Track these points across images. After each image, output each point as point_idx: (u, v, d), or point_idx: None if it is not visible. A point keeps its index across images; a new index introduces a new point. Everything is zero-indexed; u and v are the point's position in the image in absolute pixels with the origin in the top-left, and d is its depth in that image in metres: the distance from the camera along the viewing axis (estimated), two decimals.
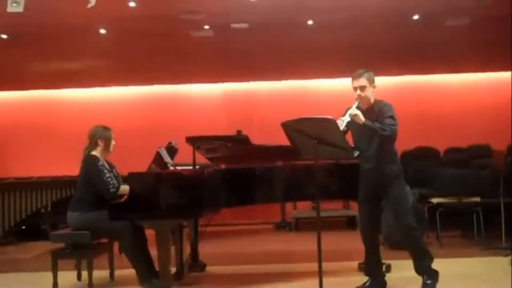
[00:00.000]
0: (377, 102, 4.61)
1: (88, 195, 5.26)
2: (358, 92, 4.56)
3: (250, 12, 7.61)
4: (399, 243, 4.99)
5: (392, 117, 4.46)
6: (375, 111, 4.55)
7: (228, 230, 8.78)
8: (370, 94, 4.59)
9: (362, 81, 4.56)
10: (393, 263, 5.35)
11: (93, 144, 5.40)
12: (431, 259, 4.62)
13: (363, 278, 4.87)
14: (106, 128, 5.44)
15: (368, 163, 4.61)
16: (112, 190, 5.13)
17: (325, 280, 4.14)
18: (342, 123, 4.33)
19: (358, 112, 4.39)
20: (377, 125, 4.40)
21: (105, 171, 5.23)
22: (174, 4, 7.34)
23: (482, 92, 9.92)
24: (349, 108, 4.49)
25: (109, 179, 5.18)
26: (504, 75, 9.36)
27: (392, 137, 4.47)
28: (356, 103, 4.50)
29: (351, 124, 4.41)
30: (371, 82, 4.59)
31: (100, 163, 5.27)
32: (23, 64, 9.12)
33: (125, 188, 5.11)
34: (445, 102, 9.98)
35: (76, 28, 7.85)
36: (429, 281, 4.56)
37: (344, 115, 4.47)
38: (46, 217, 8.07)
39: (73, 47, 8.53)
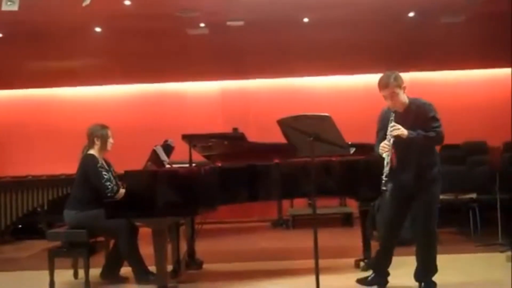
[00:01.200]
0: (413, 100, 4.46)
1: (85, 194, 5.25)
2: (388, 101, 4.38)
3: (246, 9, 7.62)
4: (402, 239, 4.98)
5: (434, 118, 4.36)
6: (413, 110, 4.42)
7: (225, 228, 8.78)
8: (403, 97, 4.41)
9: (390, 89, 4.35)
10: (395, 259, 5.34)
11: (90, 143, 5.40)
12: (436, 271, 4.57)
13: (360, 275, 4.89)
14: (103, 127, 5.44)
15: (411, 166, 4.44)
16: (110, 194, 5.12)
17: (322, 277, 4.14)
18: (388, 148, 4.23)
19: (399, 127, 4.25)
20: (421, 133, 4.28)
21: (104, 172, 5.23)
22: (169, 2, 7.35)
23: (478, 89, 9.92)
24: (384, 112, 4.42)
25: (108, 182, 5.17)
26: (499, 71, 9.37)
27: (439, 140, 4.40)
28: (393, 115, 4.32)
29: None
30: (400, 85, 4.38)
31: (99, 163, 5.27)
32: (18, 62, 9.10)
33: (122, 193, 5.10)
34: (440, 99, 9.79)
35: (72, 27, 7.85)
36: None
37: (379, 124, 4.43)
38: (43, 215, 8.05)
39: (68, 46, 8.53)
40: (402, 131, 4.25)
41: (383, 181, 4.20)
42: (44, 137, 9.84)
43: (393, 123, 4.29)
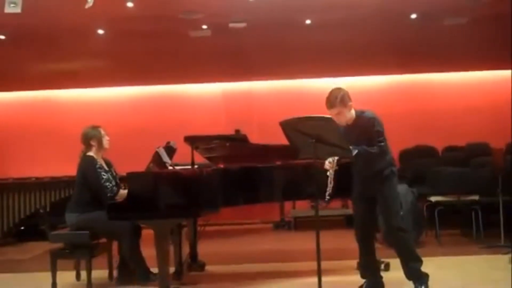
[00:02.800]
0: (359, 114, 4.52)
1: (86, 196, 5.26)
2: (335, 119, 4.42)
3: (248, 11, 7.61)
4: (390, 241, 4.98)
5: (378, 132, 4.40)
6: (359, 124, 4.48)
7: (227, 230, 8.78)
8: (349, 114, 4.49)
9: (336, 109, 4.43)
10: (392, 261, 5.35)
11: (87, 146, 5.41)
12: (420, 262, 4.55)
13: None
14: (95, 127, 5.46)
15: (360, 171, 4.59)
16: (109, 195, 5.12)
17: (324, 279, 4.15)
18: (332, 164, 4.35)
19: (334, 163, 4.35)
20: (364, 149, 4.32)
21: (103, 173, 5.22)
22: (172, 4, 7.34)
23: (481, 91, 9.92)
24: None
25: (107, 183, 5.16)
26: (502, 73, 9.36)
27: (379, 154, 4.41)
28: (327, 164, 4.39)
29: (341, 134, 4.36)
30: (345, 103, 4.45)
31: (98, 165, 5.27)
32: (21, 64, 9.11)
33: (123, 193, 5.10)
34: (443, 101, 9.98)
35: (74, 29, 7.85)
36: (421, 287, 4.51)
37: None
38: (45, 217, 8.04)
39: (71, 48, 8.53)
40: (334, 165, 4.35)
41: (326, 198, 4.29)
42: (46, 139, 9.87)
43: (330, 163, 4.37)
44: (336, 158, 4.36)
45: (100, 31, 8.18)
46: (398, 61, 9.31)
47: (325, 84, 9.92)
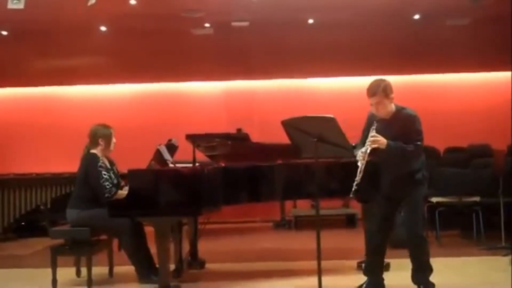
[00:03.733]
0: (400, 109, 4.48)
1: (87, 193, 5.25)
2: (373, 109, 4.43)
3: (251, 10, 7.62)
4: (398, 242, 4.97)
5: (417, 130, 4.37)
6: (399, 119, 4.43)
7: (228, 228, 8.78)
8: (389, 106, 4.44)
9: (377, 98, 4.37)
10: (392, 262, 5.35)
11: (93, 143, 5.39)
12: (431, 271, 4.55)
13: (362, 277, 4.86)
14: (106, 127, 5.43)
15: (391, 172, 4.51)
16: (107, 195, 5.08)
17: (324, 278, 4.14)
18: (362, 155, 4.25)
19: (379, 138, 4.27)
20: (401, 146, 4.28)
21: (104, 172, 5.18)
22: (174, 2, 7.35)
23: (483, 92, 9.91)
24: (370, 116, 4.44)
25: (107, 183, 5.13)
26: (505, 74, 9.35)
27: (416, 154, 4.38)
28: (375, 124, 4.35)
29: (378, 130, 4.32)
30: (388, 95, 4.40)
31: (100, 163, 5.25)
32: (23, 61, 9.12)
33: (122, 194, 5.09)
34: (445, 102, 9.96)
35: (77, 26, 7.87)
36: None
37: (364, 127, 4.45)
38: (46, 213, 8.06)
39: (73, 44, 8.55)
40: (381, 142, 4.27)
41: (353, 189, 4.20)
42: (48, 135, 9.86)
43: (374, 133, 4.31)
44: (368, 148, 4.26)
45: (103, 28, 8.19)
46: (400, 62, 9.31)
47: (327, 84, 9.99)
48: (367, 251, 4.89)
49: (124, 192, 5.07)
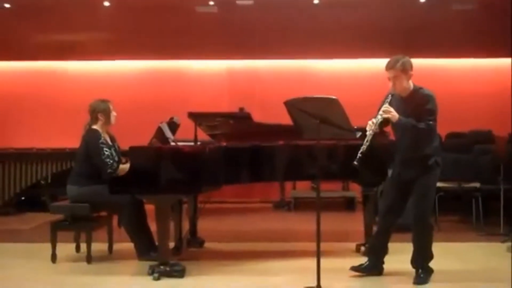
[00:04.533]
0: (417, 89, 4.44)
1: (87, 169, 5.24)
2: (390, 83, 4.40)
3: None
4: (402, 226, 4.97)
5: (430, 110, 4.30)
6: (415, 98, 4.39)
7: (227, 208, 8.80)
8: (406, 83, 4.40)
9: (394, 71, 4.36)
10: (393, 245, 5.35)
11: (93, 119, 5.38)
12: (431, 258, 4.57)
13: (360, 259, 4.88)
14: (104, 101, 5.41)
15: (403, 151, 4.48)
16: (109, 171, 5.07)
17: (323, 260, 4.15)
18: (372, 125, 4.25)
19: (391, 110, 4.27)
20: (412, 123, 4.25)
21: (105, 148, 5.17)
22: None
23: (486, 78, 9.87)
24: (383, 103, 4.39)
25: (108, 159, 5.12)
26: (508, 60, 9.30)
27: (427, 134, 4.32)
28: (389, 97, 4.36)
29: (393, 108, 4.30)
30: (406, 70, 4.37)
31: (101, 139, 5.24)
32: (25, 34, 9.06)
33: (123, 168, 5.09)
34: (447, 87, 9.90)
35: (80, 0, 7.80)
36: (423, 275, 4.52)
37: (380, 104, 4.38)
38: (46, 188, 8.08)
39: (76, 19, 8.48)
40: (393, 114, 4.27)
41: (358, 157, 4.20)
42: (49, 110, 9.85)
43: (386, 105, 4.31)
44: (379, 119, 4.27)
45: (106, 3, 8.12)
46: (404, 45, 9.23)
47: (330, 65, 9.95)
48: (375, 232, 4.86)
49: (125, 166, 5.07)
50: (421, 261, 4.56)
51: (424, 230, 4.53)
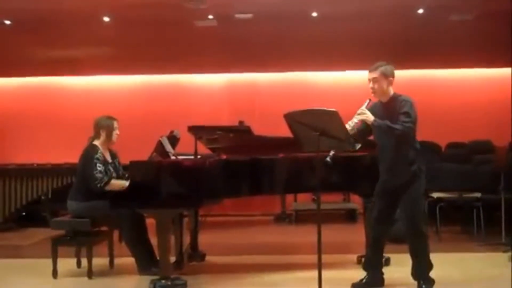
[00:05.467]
0: (397, 96, 4.50)
1: (87, 184, 5.25)
2: (370, 84, 4.49)
3: (255, 2, 7.59)
4: (399, 237, 4.97)
5: (406, 113, 4.32)
6: (394, 104, 4.45)
7: (228, 221, 8.79)
8: (385, 87, 4.47)
9: (374, 74, 4.46)
10: (392, 256, 5.35)
11: (96, 134, 5.40)
12: (431, 268, 4.56)
13: (362, 271, 4.87)
14: (109, 118, 5.43)
15: (386, 159, 4.51)
16: (99, 185, 5.08)
17: (324, 273, 4.14)
18: (349, 127, 4.29)
19: (366, 112, 4.32)
20: (387, 124, 4.29)
21: (99, 164, 5.17)
22: None
23: (485, 88, 9.89)
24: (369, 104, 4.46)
25: (98, 174, 5.12)
26: (508, 70, 9.32)
27: (403, 136, 4.32)
28: (367, 101, 4.42)
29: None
30: (386, 75, 4.46)
31: (97, 154, 5.23)
32: (26, 50, 9.09)
33: (118, 183, 5.09)
34: (447, 97, 9.94)
35: (80, 15, 7.83)
36: (424, 286, 4.51)
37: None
38: (47, 204, 8.05)
39: (76, 34, 8.51)
40: (368, 115, 4.31)
41: (331, 155, 4.22)
42: (49, 125, 9.87)
43: (362, 108, 4.37)
44: (354, 121, 4.33)
45: (106, 19, 8.15)
46: (403, 56, 9.26)
47: (329, 77, 9.97)
48: (368, 245, 4.88)
49: (119, 182, 5.07)
50: (421, 272, 4.55)
51: (418, 239, 4.52)
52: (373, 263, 4.75)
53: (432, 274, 4.57)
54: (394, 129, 4.28)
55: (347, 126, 4.29)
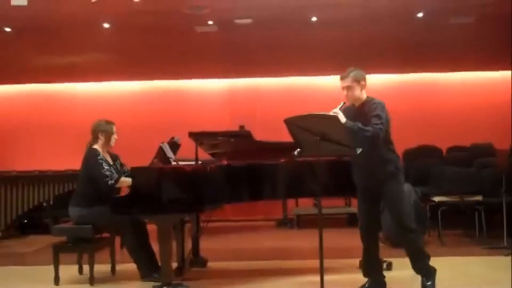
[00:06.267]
0: (369, 99, 4.55)
1: (90, 190, 5.26)
2: (345, 92, 4.55)
3: (254, 7, 7.60)
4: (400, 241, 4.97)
5: (377, 116, 4.35)
6: (366, 107, 4.50)
7: (230, 226, 8.78)
8: (359, 93, 4.54)
9: (347, 81, 4.53)
10: (395, 261, 5.35)
11: (94, 138, 5.41)
12: (428, 258, 4.58)
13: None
14: (108, 122, 5.44)
15: (360, 161, 4.54)
16: (110, 182, 5.10)
17: (326, 277, 4.14)
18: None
19: (339, 113, 4.31)
20: (358, 125, 4.29)
21: (104, 164, 5.21)
22: None
23: (486, 91, 9.90)
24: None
25: (107, 172, 5.15)
26: (508, 73, 9.33)
27: (373, 137, 4.32)
28: (341, 103, 4.46)
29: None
30: (358, 80, 4.52)
31: (100, 156, 5.26)
32: (26, 57, 9.11)
33: (125, 180, 5.11)
34: (448, 101, 9.96)
35: (80, 22, 7.84)
36: (429, 283, 4.52)
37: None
38: (48, 210, 8.07)
39: (76, 41, 8.52)
40: (341, 116, 4.30)
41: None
42: (50, 132, 9.88)
43: (335, 110, 4.35)
44: (336, 111, 4.32)
45: (106, 25, 8.16)
46: (403, 60, 9.29)
47: (330, 82, 9.96)
48: (362, 251, 4.86)
49: (127, 179, 5.09)
50: (421, 265, 4.56)
51: (407, 236, 4.54)
52: (372, 268, 4.76)
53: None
54: (364, 131, 4.30)
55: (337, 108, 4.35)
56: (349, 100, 4.54)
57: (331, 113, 4.31)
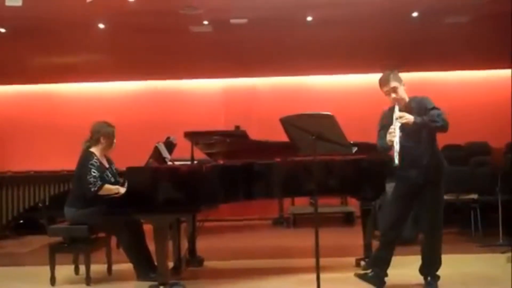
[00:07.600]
0: (412, 98, 4.55)
1: (82, 189, 5.24)
2: (393, 95, 4.49)
3: (250, 7, 7.60)
4: (404, 238, 4.99)
5: (436, 108, 4.37)
6: (414, 107, 4.48)
7: (226, 226, 8.79)
8: (404, 93, 4.54)
9: (392, 83, 4.49)
10: (396, 259, 5.34)
11: (94, 140, 5.37)
12: (440, 265, 4.65)
13: None
14: (109, 125, 5.41)
15: (416, 158, 4.48)
16: (93, 189, 5.08)
17: (323, 276, 4.14)
18: (394, 132, 4.23)
19: (405, 114, 4.29)
20: (426, 119, 4.30)
21: (93, 169, 5.16)
22: None
23: (481, 90, 9.92)
24: (385, 113, 4.51)
25: (92, 179, 5.11)
26: (503, 72, 9.36)
27: (445, 127, 4.38)
28: (397, 107, 4.40)
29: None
30: (400, 80, 4.52)
31: (93, 160, 5.22)
32: (21, 58, 9.09)
33: (110, 188, 5.09)
34: (443, 100, 9.79)
35: (75, 23, 7.83)
36: (433, 283, 4.59)
37: (381, 124, 4.49)
38: (44, 211, 8.03)
39: (71, 42, 8.52)
40: (408, 117, 4.28)
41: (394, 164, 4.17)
42: (46, 132, 9.87)
43: (399, 113, 4.32)
44: (398, 125, 4.24)
45: (101, 25, 8.16)
46: (398, 59, 9.29)
47: (325, 81, 10.00)
48: (378, 245, 4.85)
49: (114, 186, 5.07)
50: (430, 269, 4.63)
51: (437, 239, 4.63)
52: (380, 264, 4.75)
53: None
54: (436, 122, 4.32)
55: (388, 134, 4.27)
56: (399, 102, 4.47)
57: (395, 115, 4.28)
